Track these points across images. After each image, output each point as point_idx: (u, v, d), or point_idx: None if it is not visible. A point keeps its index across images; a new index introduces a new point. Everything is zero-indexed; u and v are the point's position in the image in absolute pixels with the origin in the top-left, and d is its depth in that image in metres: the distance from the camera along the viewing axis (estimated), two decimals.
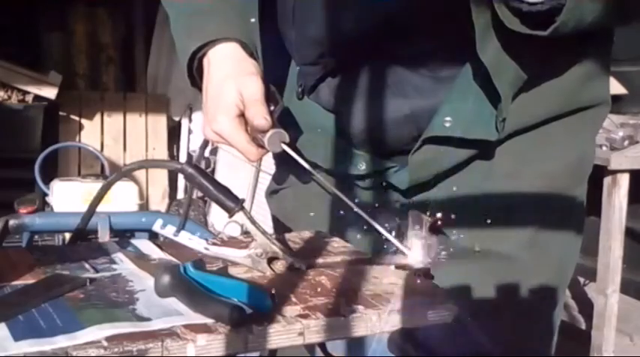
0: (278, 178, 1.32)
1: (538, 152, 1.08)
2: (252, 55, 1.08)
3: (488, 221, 1.07)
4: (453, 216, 1.07)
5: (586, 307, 2.69)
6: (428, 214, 0.96)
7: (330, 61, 1.10)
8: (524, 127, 1.06)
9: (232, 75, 1.04)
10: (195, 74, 1.11)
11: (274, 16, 1.13)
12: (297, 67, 1.18)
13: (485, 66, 0.95)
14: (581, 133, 1.11)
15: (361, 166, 1.14)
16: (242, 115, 1.02)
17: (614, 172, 2.46)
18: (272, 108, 1.04)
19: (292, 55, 1.17)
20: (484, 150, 1.05)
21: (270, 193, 1.35)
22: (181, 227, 1.08)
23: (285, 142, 1.01)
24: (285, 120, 1.08)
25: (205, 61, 1.08)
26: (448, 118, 1.01)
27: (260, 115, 1.00)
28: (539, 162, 1.08)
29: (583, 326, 2.69)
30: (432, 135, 1.03)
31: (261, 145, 1.02)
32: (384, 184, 1.15)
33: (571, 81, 1.05)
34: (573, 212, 1.15)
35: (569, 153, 1.10)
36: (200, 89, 1.10)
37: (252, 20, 1.09)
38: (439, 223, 0.97)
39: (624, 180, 2.49)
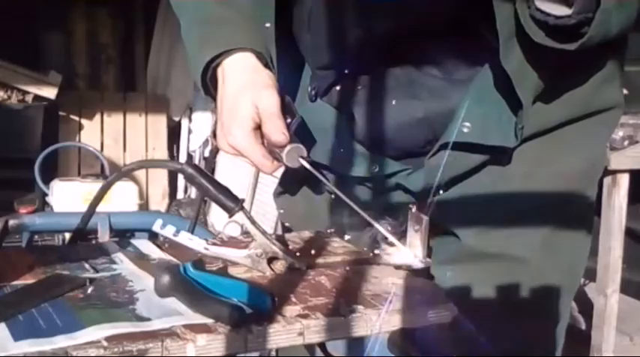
0: (285, 183, 1.32)
1: (552, 155, 1.07)
2: (266, 64, 1.07)
3: (502, 223, 1.07)
4: (466, 218, 1.07)
5: (586, 307, 2.69)
6: (432, 215, 0.97)
7: (345, 65, 1.10)
8: (539, 131, 1.06)
9: (248, 87, 1.02)
10: (209, 83, 1.09)
11: (288, 19, 1.12)
12: (311, 70, 1.18)
13: (504, 72, 0.95)
14: (595, 136, 1.11)
15: (374, 169, 1.14)
16: (258, 127, 1.02)
17: (614, 172, 2.46)
18: (288, 120, 1.03)
19: (306, 59, 1.17)
20: (501, 155, 1.05)
21: (278, 194, 1.35)
22: (191, 231, 1.09)
23: (302, 157, 1.00)
24: (300, 131, 1.07)
25: (220, 70, 1.06)
26: (467, 124, 1.01)
27: (278, 131, 0.99)
28: (553, 165, 1.08)
29: (583, 326, 2.69)
30: (450, 141, 1.03)
31: (277, 158, 1.01)
32: (397, 186, 1.15)
33: (587, 86, 1.05)
34: (585, 214, 1.15)
35: (583, 156, 1.10)
36: (213, 98, 1.09)
37: (268, 25, 1.07)
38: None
39: (624, 180, 2.48)
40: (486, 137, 1.02)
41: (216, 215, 4.03)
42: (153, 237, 1.49)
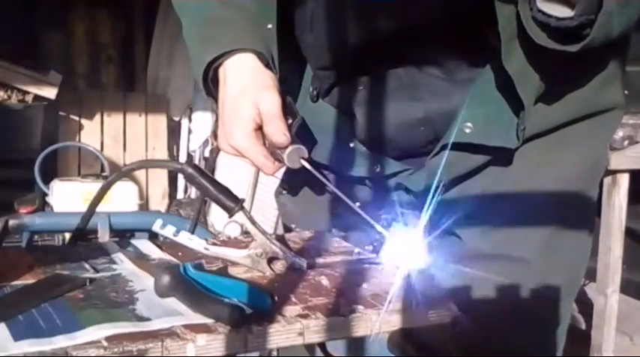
0: (286, 183, 1.32)
1: (553, 156, 1.07)
2: (268, 65, 1.06)
3: (503, 224, 1.07)
4: (467, 218, 1.07)
5: (586, 307, 2.68)
6: (433, 215, 0.96)
7: (346, 65, 1.10)
8: (540, 132, 1.06)
9: (249, 88, 1.02)
10: (211, 84, 1.09)
11: (290, 20, 1.12)
12: (312, 70, 1.17)
13: (505, 73, 0.95)
14: (596, 137, 1.11)
15: (376, 169, 1.14)
16: (259, 128, 1.02)
17: (614, 172, 2.46)
18: (289, 121, 1.03)
19: (308, 59, 1.17)
20: (502, 156, 1.05)
21: (280, 194, 1.35)
22: (191, 231, 1.09)
23: (304, 158, 1.00)
24: (301, 132, 1.07)
25: (221, 71, 1.06)
26: (468, 124, 1.01)
27: (279, 132, 0.99)
28: (554, 165, 1.08)
29: (583, 326, 2.68)
30: (452, 141, 1.03)
31: (278, 159, 1.01)
32: (398, 186, 1.15)
33: (588, 86, 1.05)
34: (586, 215, 1.15)
35: (584, 156, 1.10)
36: (215, 98, 1.09)
37: (270, 26, 1.07)
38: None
39: (624, 180, 2.48)
40: (488, 138, 1.02)
41: (216, 215, 4.03)
42: (153, 237, 1.49)
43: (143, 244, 1.09)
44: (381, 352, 1.17)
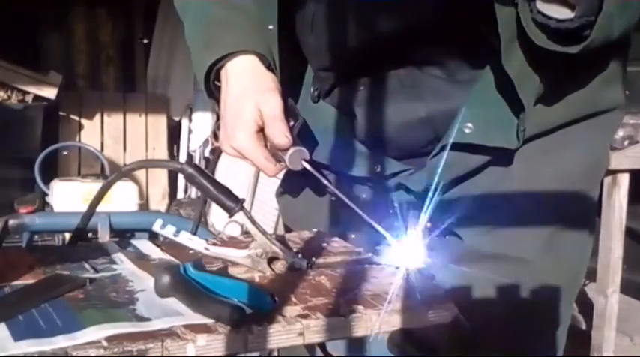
0: (287, 184, 1.32)
1: (554, 156, 1.07)
2: (269, 67, 1.07)
3: (503, 224, 1.07)
4: (468, 218, 1.07)
5: (586, 307, 2.69)
6: (433, 215, 0.96)
7: (347, 66, 1.10)
8: (540, 132, 1.06)
9: (251, 90, 1.03)
10: (212, 85, 1.10)
11: (291, 21, 1.12)
12: (313, 71, 1.18)
13: (506, 74, 0.95)
14: (597, 137, 1.11)
15: (376, 169, 1.14)
16: (261, 130, 1.02)
17: (614, 172, 2.46)
18: (291, 123, 1.03)
19: (309, 60, 1.17)
20: (502, 156, 1.05)
21: (280, 194, 1.35)
22: (194, 232, 1.09)
23: (305, 160, 1.01)
24: (302, 133, 1.07)
25: (223, 73, 1.07)
26: (469, 125, 1.01)
27: (281, 134, 0.99)
28: (554, 166, 1.08)
29: (583, 326, 2.69)
30: (452, 141, 1.03)
31: (280, 161, 1.01)
32: (398, 186, 1.15)
33: (589, 87, 1.05)
34: (587, 215, 1.15)
35: (585, 156, 1.10)
36: (217, 100, 1.09)
37: (270, 27, 1.08)
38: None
39: (624, 180, 2.48)
40: (488, 138, 1.02)
41: (216, 215, 4.03)
42: (153, 237, 1.49)
43: (143, 244, 1.09)
44: (381, 352, 1.17)
